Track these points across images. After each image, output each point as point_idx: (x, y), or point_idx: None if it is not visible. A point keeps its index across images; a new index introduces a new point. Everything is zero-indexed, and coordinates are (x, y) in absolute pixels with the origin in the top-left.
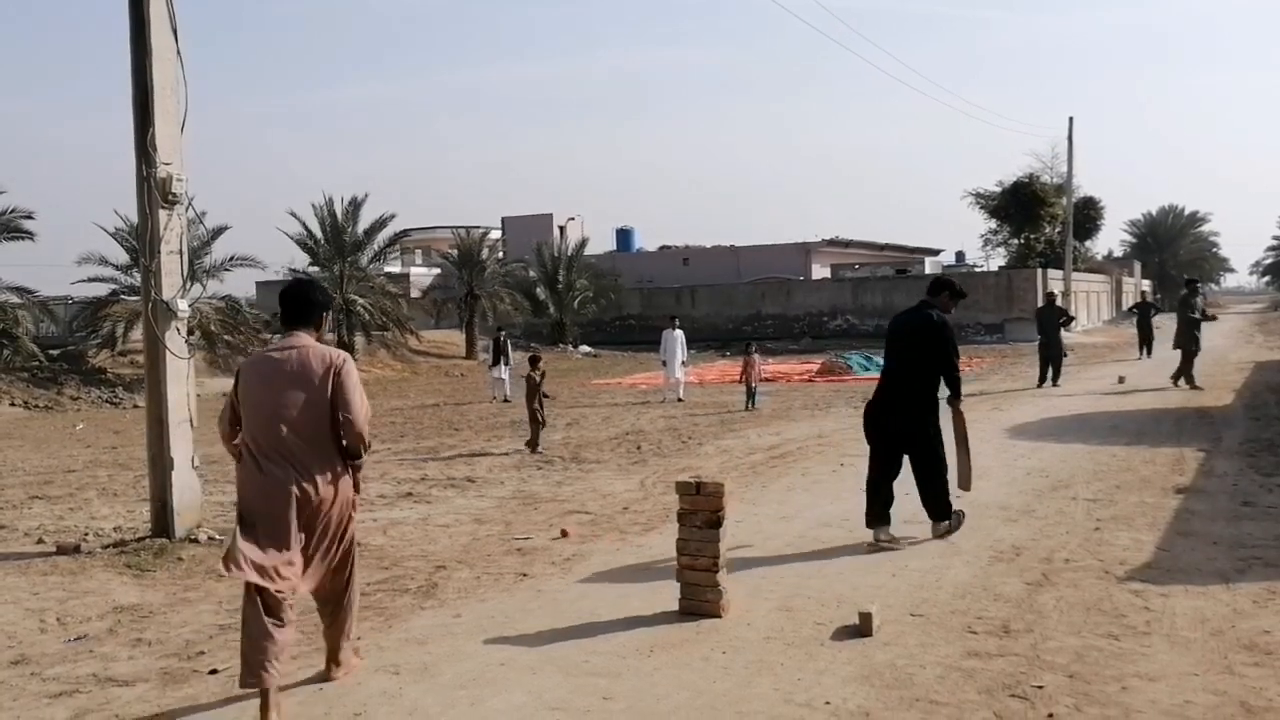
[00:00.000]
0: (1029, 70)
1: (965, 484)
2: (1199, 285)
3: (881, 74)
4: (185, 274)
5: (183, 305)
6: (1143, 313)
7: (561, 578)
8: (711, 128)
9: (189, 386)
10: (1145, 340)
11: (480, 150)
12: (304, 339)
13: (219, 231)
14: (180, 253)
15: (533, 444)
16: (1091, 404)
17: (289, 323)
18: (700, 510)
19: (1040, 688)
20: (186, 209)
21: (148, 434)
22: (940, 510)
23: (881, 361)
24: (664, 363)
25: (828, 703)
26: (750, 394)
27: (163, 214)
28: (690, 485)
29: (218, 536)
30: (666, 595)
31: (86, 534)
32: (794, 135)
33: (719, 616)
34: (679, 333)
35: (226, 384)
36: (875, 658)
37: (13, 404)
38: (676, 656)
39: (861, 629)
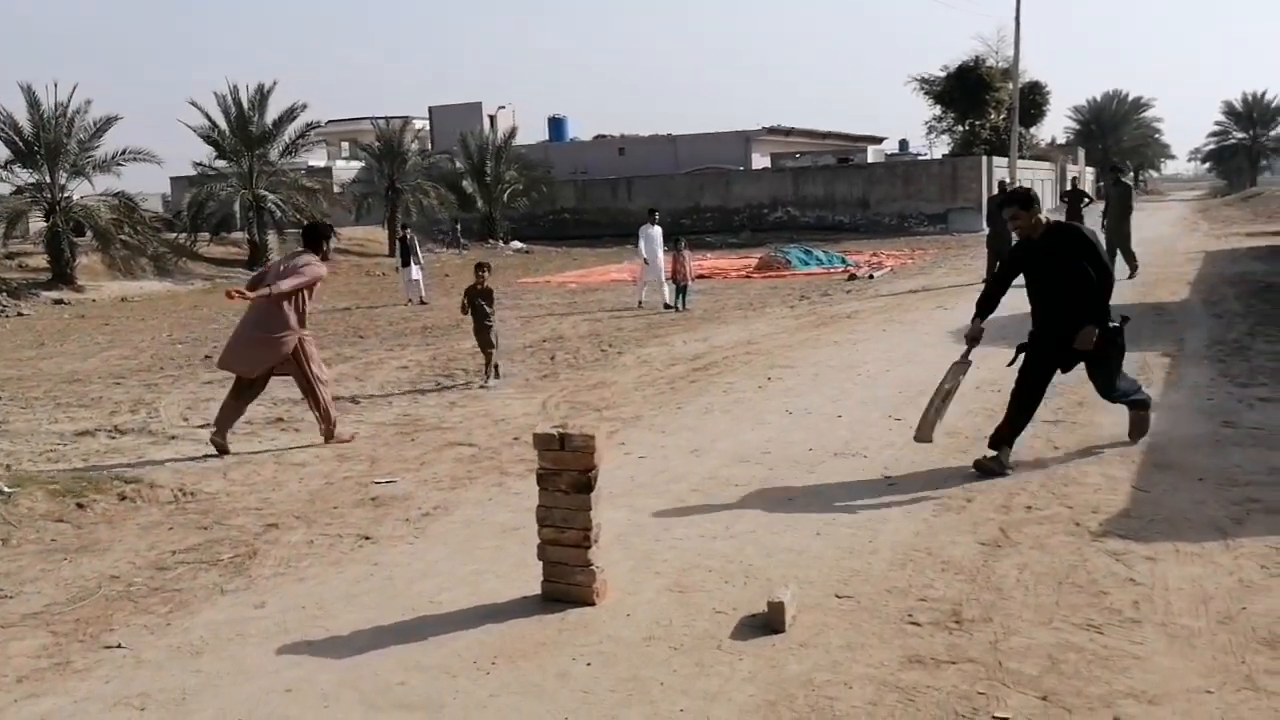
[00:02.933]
0: None
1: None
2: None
3: None
4: None
5: None
6: (1073, 202)
7: (410, 541)
8: (649, 10)
9: None
10: None
11: (409, 38)
12: (305, 255)
13: (108, 122)
14: None
15: (488, 372)
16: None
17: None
18: (566, 470)
19: None
20: None
21: None
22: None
23: (824, 255)
24: (645, 262)
25: None
26: (680, 292)
27: None
28: (552, 438)
29: (6, 489)
30: (532, 571)
31: None
32: (735, 17)
33: (591, 604)
34: (658, 229)
35: (128, 287)
36: (787, 670)
37: None
38: (524, 672)
39: (772, 622)
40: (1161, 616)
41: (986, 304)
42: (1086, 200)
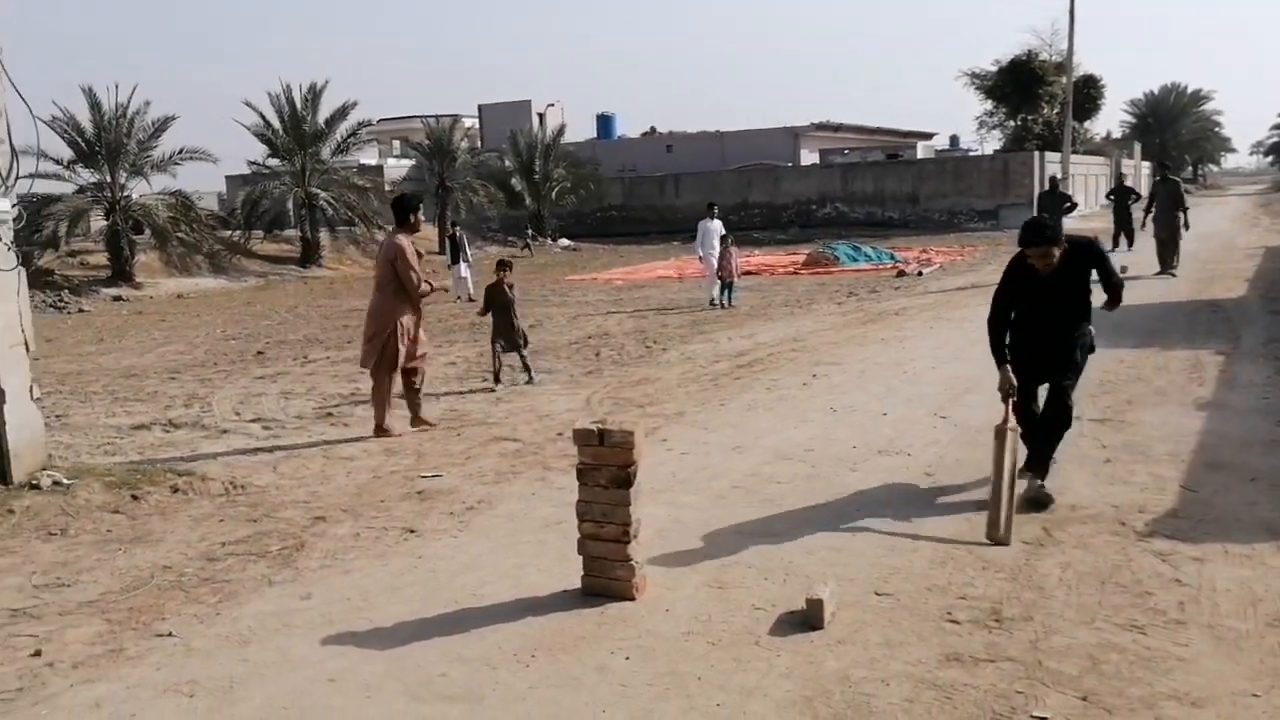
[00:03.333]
0: None
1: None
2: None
3: None
4: (9, 168)
5: (3, 205)
6: (1120, 198)
7: (454, 535)
8: (698, 6)
9: (20, 303)
10: (1123, 228)
11: (459, 37)
12: (389, 239)
13: (165, 122)
14: None
15: (527, 369)
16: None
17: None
18: (606, 465)
19: (1044, 719)
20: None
21: None
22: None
23: (872, 252)
24: (701, 257)
25: None
26: (726, 289)
27: None
28: (591, 434)
29: (65, 481)
30: (573, 565)
31: None
32: (783, 13)
33: (631, 599)
34: (717, 223)
35: (184, 284)
36: (824, 666)
37: None
38: (564, 665)
39: (810, 619)
40: (1208, 618)
41: (1002, 348)
42: (1134, 197)
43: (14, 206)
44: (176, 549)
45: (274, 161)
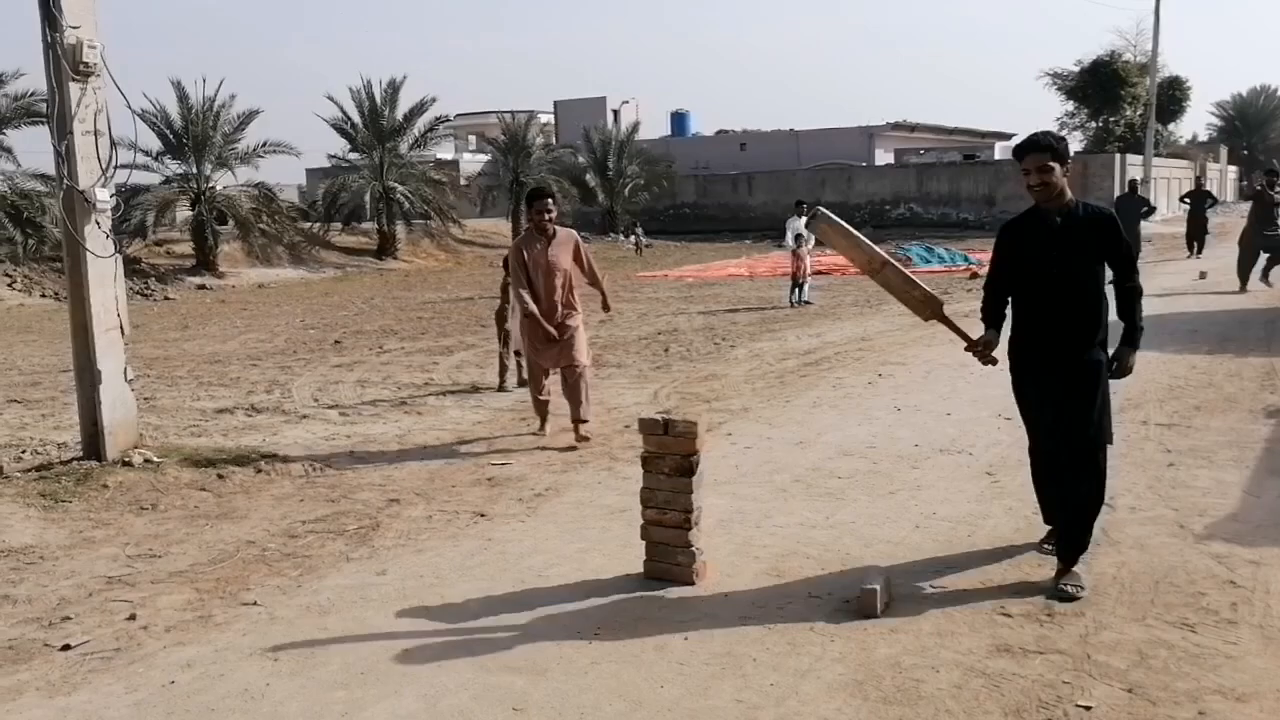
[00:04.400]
0: None
1: None
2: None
3: None
4: (108, 159)
5: (103, 195)
6: (1196, 204)
7: (522, 520)
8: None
9: (117, 289)
10: (1195, 236)
11: (537, 33)
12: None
13: (250, 116)
14: (96, 133)
15: (502, 380)
16: (1169, 303)
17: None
18: (669, 454)
19: (1088, 708)
20: (97, 82)
21: (73, 343)
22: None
23: (945, 253)
24: (794, 252)
25: None
26: (798, 288)
27: (74, 87)
28: (656, 423)
29: (155, 459)
30: (635, 551)
31: (24, 450)
32: (858, 9)
33: (691, 583)
34: (803, 220)
35: (265, 274)
36: (876, 652)
37: (43, 295)
38: (624, 645)
39: (864, 608)
40: (1259, 619)
41: (994, 312)
42: (1211, 201)
43: (112, 196)
44: (260, 525)
45: (353, 155)
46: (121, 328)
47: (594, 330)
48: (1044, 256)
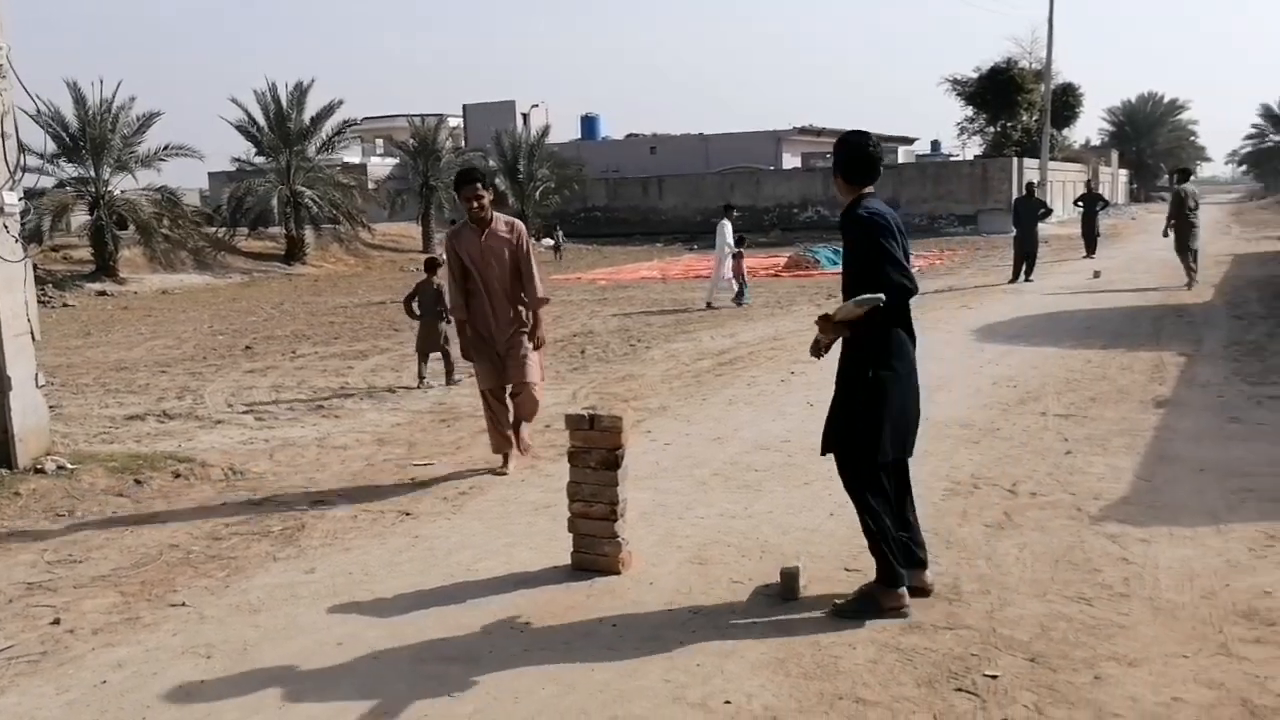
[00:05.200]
0: None
1: None
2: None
3: None
4: (16, 162)
5: (10, 198)
6: (1088, 206)
7: (448, 518)
8: (681, 8)
9: (27, 293)
10: (1089, 237)
11: (445, 38)
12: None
13: (150, 118)
14: (4, 136)
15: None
16: (1066, 301)
17: None
18: (595, 448)
19: (994, 677)
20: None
21: None
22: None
23: None
24: (737, 254)
25: (727, 702)
26: (741, 290)
27: None
28: (582, 419)
29: (69, 466)
30: (562, 544)
31: None
32: (766, 16)
33: (617, 573)
34: (727, 223)
35: (169, 280)
36: (796, 632)
37: None
38: (555, 631)
39: (785, 591)
40: (1149, 591)
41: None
42: (1102, 204)
43: (21, 200)
44: (182, 529)
45: (259, 159)
46: (32, 333)
47: None
48: None
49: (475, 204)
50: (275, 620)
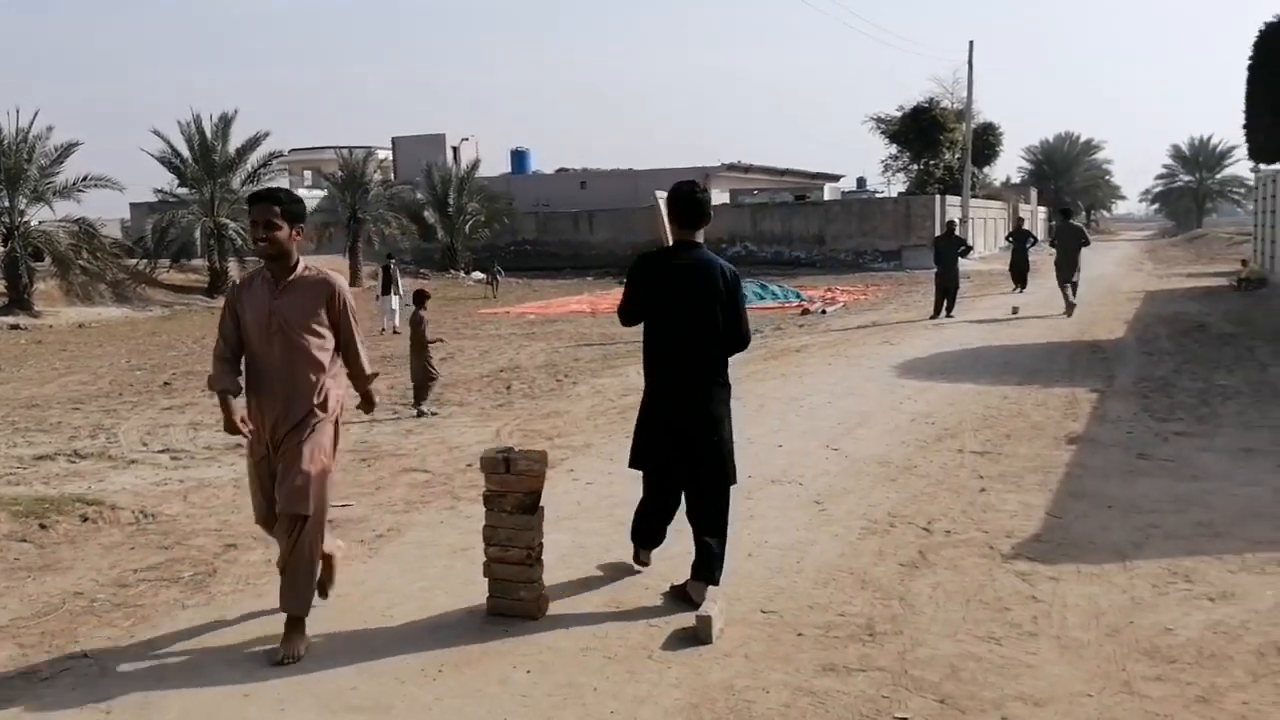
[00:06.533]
0: None
1: None
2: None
3: None
4: None
5: None
6: (1019, 242)
7: (364, 561)
8: (614, 46)
9: None
10: (1019, 273)
11: (374, 71)
12: None
13: (69, 148)
14: None
15: (419, 400)
16: (985, 336)
17: None
18: (511, 492)
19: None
20: None
21: None
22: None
23: (779, 290)
24: None
25: None
26: None
27: None
28: (498, 462)
29: None
30: (478, 588)
31: None
32: (694, 53)
33: (533, 618)
34: None
35: (86, 313)
36: (710, 676)
37: None
38: (468, 679)
39: (700, 634)
40: (1056, 630)
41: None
42: (1032, 240)
43: None
44: (87, 576)
45: (182, 190)
46: None
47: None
48: None
49: (263, 232)
50: (180, 672)
